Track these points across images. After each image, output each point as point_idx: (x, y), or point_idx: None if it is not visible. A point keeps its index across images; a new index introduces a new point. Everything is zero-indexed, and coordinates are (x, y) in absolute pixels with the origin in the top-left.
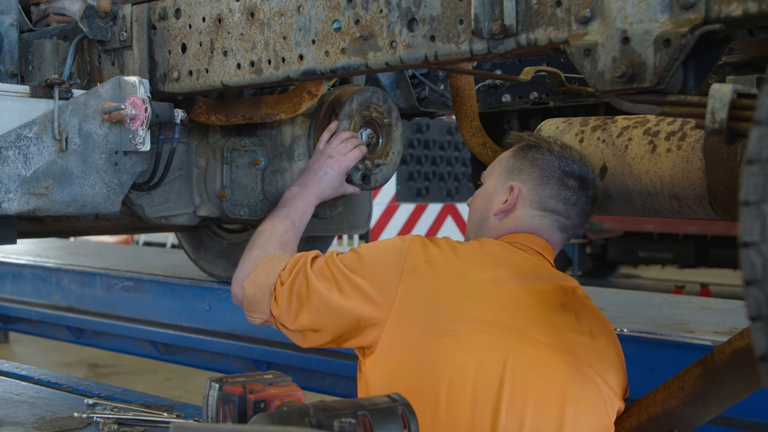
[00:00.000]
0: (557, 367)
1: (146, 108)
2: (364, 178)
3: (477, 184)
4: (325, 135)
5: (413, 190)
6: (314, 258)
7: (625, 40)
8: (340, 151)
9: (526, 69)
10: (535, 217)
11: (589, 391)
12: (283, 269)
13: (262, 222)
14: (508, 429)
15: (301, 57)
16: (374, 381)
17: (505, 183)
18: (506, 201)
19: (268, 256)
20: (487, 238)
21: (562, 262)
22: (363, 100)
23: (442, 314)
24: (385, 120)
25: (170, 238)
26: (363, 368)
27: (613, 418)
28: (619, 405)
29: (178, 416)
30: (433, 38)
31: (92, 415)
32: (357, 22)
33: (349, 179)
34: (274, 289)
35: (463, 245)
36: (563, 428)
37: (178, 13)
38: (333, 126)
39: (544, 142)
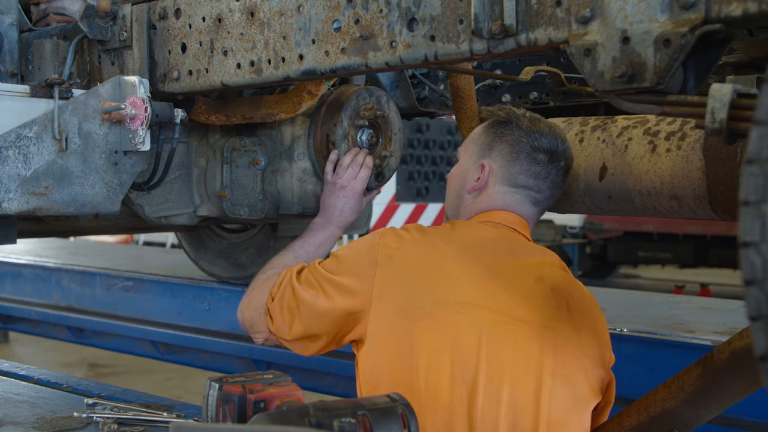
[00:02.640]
0: (532, 341)
1: (146, 108)
2: (378, 176)
3: None
4: (329, 167)
5: (413, 190)
6: (299, 271)
7: (625, 40)
8: (350, 178)
9: (526, 69)
10: (507, 193)
11: (565, 364)
12: (273, 286)
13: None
14: (485, 406)
15: (301, 57)
16: (363, 370)
17: (476, 161)
18: (478, 179)
19: (263, 278)
20: (461, 220)
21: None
22: (351, 112)
23: (416, 299)
24: (378, 113)
25: (170, 237)
26: (358, 362)
27: (596, 389)
28: (601, 375)
29: (177, 416)
30: (433, 38)
31: (92, 415)
32: (357, 21)
33: None
34: (268, 307)
35: (434, 229)
36: (540, 401)
37: (178, 12)
38: (333, 156)
39: (513, 116)
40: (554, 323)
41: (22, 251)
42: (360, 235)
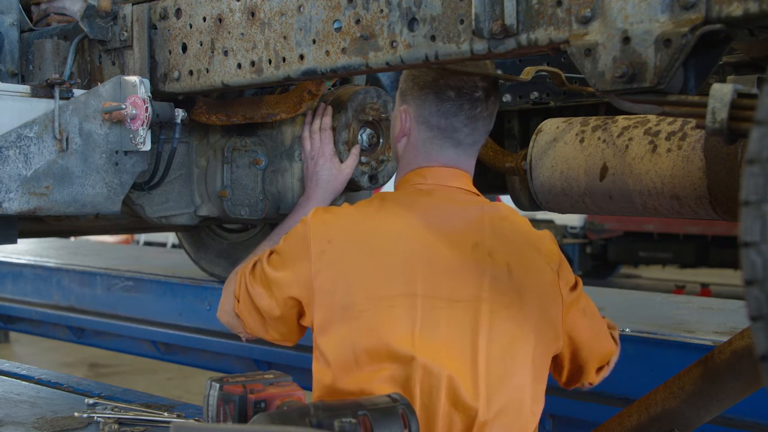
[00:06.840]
0: (466, 321)
1: (147, 108)
2: (372, 178)
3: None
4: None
5: None
6: (252, 268)
7: (626, 40)
8: (316, 146)
9: (527, 69)
10: (427, 140)
11: (503, 333)
12: (235, 288)
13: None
14: (424, 400)
15: (301, 57)
16: (315, 367)
17: (398, 108)
18: (401, 126)
19: (228, 281)
20: (391, 192)
21: None
22: (357, 106)
23: (351, 295)
24: (383, 115)
25: (171, 237)
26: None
27: (550, 341)
28: (555, 328)
29: (178, 416)
30: (433, 38)
31: (93, 415)
32: (358, 21)
33: (357, 184)
34: (236, 312)
35: (363, 211)
36: (478, 380)
37: (178, 12)
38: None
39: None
40: (491, 294)
41: (23, 251)
42: None
